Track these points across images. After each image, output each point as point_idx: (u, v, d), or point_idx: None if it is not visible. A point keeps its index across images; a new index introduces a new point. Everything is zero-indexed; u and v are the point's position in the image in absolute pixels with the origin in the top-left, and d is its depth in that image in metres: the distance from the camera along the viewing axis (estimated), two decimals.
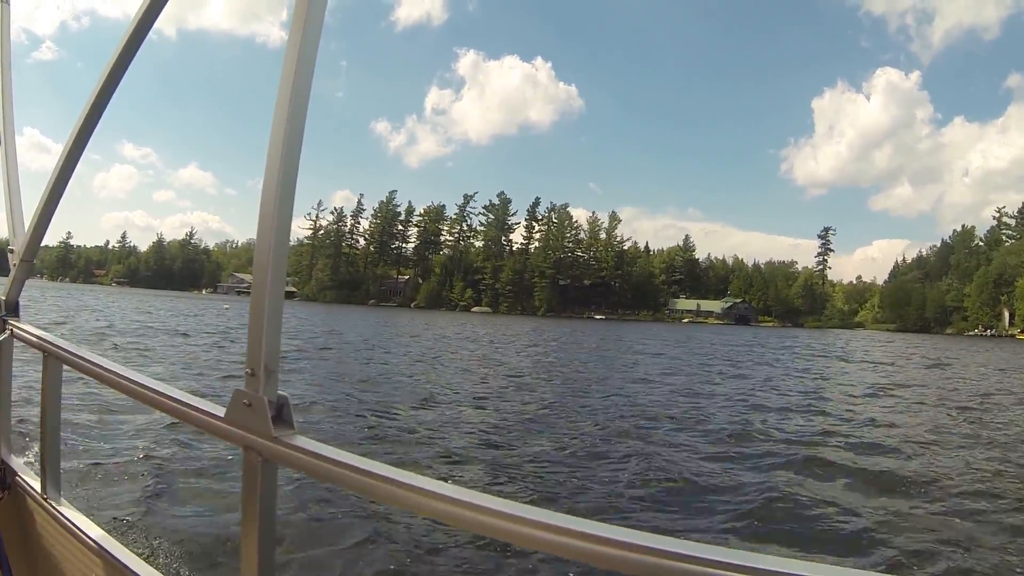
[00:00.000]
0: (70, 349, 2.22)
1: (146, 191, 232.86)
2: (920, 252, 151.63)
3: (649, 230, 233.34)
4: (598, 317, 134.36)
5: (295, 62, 1.36)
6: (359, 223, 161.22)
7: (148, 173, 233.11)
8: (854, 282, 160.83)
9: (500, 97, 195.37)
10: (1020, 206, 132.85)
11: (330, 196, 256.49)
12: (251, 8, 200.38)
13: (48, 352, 2.29)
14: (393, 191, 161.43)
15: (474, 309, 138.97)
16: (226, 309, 60.90)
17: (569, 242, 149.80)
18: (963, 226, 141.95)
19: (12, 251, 2.55)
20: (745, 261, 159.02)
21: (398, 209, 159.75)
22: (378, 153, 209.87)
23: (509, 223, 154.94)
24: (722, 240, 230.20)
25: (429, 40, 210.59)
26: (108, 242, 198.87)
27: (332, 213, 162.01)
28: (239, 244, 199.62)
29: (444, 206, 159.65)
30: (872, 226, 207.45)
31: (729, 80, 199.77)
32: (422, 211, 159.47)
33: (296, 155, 1.36)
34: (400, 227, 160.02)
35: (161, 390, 1.74)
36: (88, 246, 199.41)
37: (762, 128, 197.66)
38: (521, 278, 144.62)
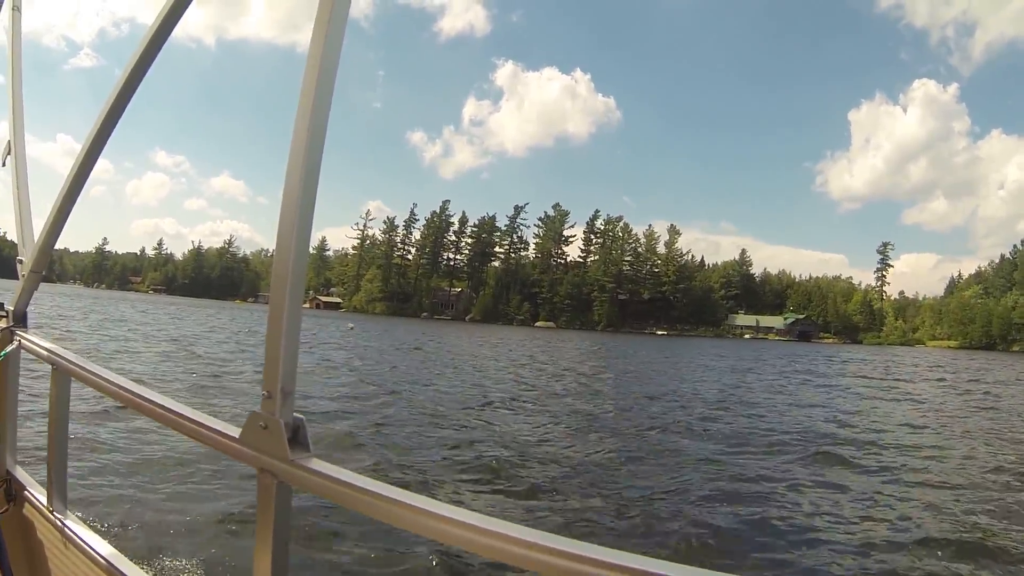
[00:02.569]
0: (79, 362, 2.19)
1: (177, 199, 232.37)
2: (979, 267, 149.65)
3: (681, 244, 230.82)
4: (660, 333, 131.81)
5: (315, 79, 1.29)
6: (411, 233, 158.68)
7: (180, 181, 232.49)
8: (897, 297, 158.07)
9: (538, 109, 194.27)
10: None
11: (362, 206, 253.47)
12: (291, 18, 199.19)
13: (57, 365, 2.28)
14: (446, 201, 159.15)
15: (537, 324, 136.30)
16: (351, 328, 57.67)
17: (628, 255, 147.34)
18: (1022, 242, 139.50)
19: (21, 262, 2.56)
20: (791, 275, 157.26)
21: (451, 219, 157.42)
22: (413, 164, 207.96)
23: (564, 235, 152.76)
24: (751, 254, 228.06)
25: (468, 51, 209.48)
26: (143, 249, 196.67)
27: (385, 223, 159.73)
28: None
29: (495, 217, 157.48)
30: (904, 240, 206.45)
31: (768, 93, 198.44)
32: (476, 223, 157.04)
33: (316, 171, 1.32)
34: (454, 238, 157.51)
35: (174, 408, 1.70)
36: (119, 252, 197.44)
37: (799, 141, 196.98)
38: (580, 292, 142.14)
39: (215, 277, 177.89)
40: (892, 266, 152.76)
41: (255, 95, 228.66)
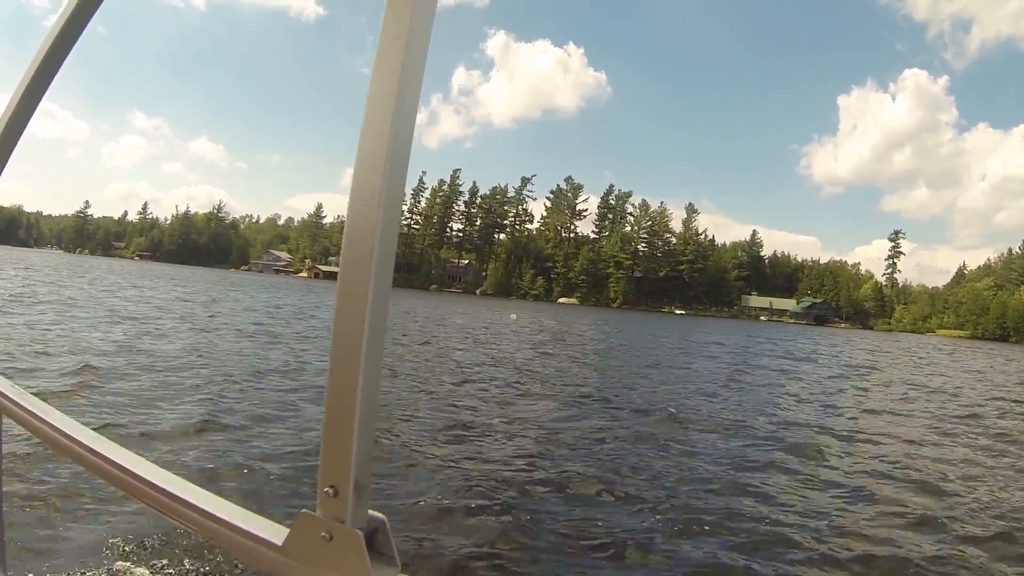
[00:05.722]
0: (15, 399, 1.48)
1: (153, 163, 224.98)
2: (988, 259, 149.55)
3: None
4: (678, 312, 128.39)
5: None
6: (419, 202, 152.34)
7: (158, 144, 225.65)
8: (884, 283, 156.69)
9: (529, 81, 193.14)
10: None
11: (340, 174, 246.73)
12: None
13: None
14: (457, 169, 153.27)
15: (560, 300, 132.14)
16: (514, 320, 47.55)
17: (645, 233, 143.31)
18: None
19: None
20: (797, 259, 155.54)
21: (461, 188, 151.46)
22: None
23: (577, 209, 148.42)
24: (724, 232, 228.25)
25: (464, 19, 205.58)
26: (126, 213, 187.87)
27: None
28: (261, 220, 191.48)
29: (506, 188, 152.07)
30: (881, 226, 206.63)
31: (761, 77, 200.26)
32: (488, 192, 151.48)
33: (406, 150, 0.83)
34: (463, 208, 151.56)
35: (160, 483, 1.08)
36: (96, 216, 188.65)
37: (787, 124, 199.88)
38: (595, 268, 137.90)
39: (203, 243, 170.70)
40: (904, 254, 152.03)
41: (243, 57, 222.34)
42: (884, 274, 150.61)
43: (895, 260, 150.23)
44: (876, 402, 17.91)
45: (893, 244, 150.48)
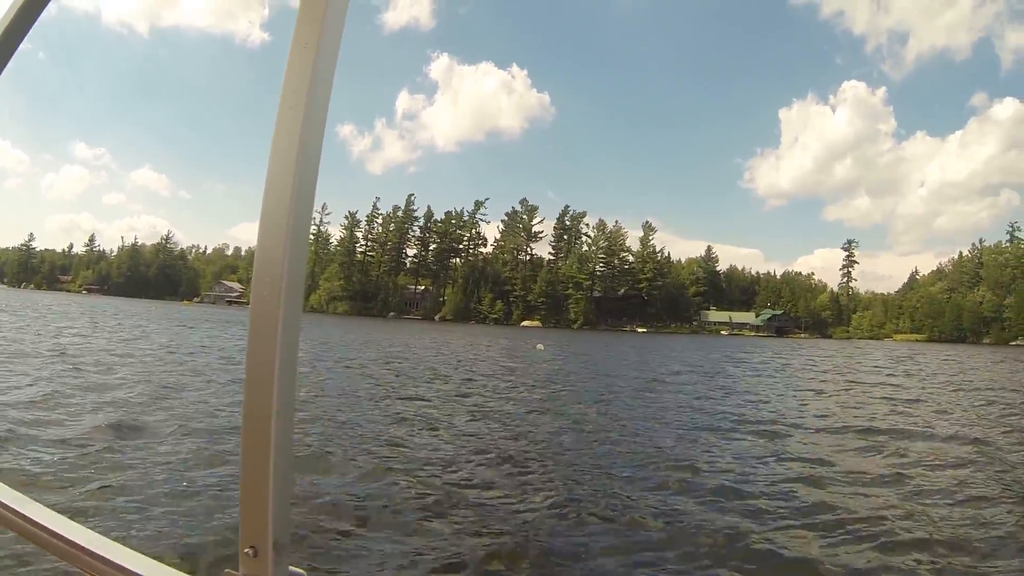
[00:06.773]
0: None
1: (95, 193, 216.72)
2: (939, 264, 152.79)
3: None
4: (640, 330, 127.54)
5: (317, 33, 0.85)
6: (373, 228, 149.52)
7: (100, 175, 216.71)
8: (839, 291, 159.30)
9: (472, 103, 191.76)
10: None
11: None
12: (227, 6, 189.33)
13: None
14: (411, 195, 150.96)
15: (524, 323, 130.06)
16: (541, 350, 44.73)
17: (602, 252, 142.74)
18: (980, 240, 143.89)
19: None
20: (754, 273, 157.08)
21: (415, 214, 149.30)
22: (340, 158, 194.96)
23: (533, 231, 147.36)
24: (671, 248, 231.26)
25: (409, 44, 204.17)
26: (72, 246, 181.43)
27: (347, 218, 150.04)
28: (208, 250, 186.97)
29: (462, 212, 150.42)
30: (824, 236, 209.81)
31: (704, 94, 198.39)
32: (439, 218, 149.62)
33: (311, 187, 0.86)
34: (419, 233, 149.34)
35: (83, 544, 1.03)
36: (40, 249, 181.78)
37: (731, 138, 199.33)
38: (554, 290, 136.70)
39: (152, 275, 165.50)
40: (857, 263, 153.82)
41: (187, 84, 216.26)
42: (840, 283, 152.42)
43: (850, 269, 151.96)
44: None
45: (847, 253, 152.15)
